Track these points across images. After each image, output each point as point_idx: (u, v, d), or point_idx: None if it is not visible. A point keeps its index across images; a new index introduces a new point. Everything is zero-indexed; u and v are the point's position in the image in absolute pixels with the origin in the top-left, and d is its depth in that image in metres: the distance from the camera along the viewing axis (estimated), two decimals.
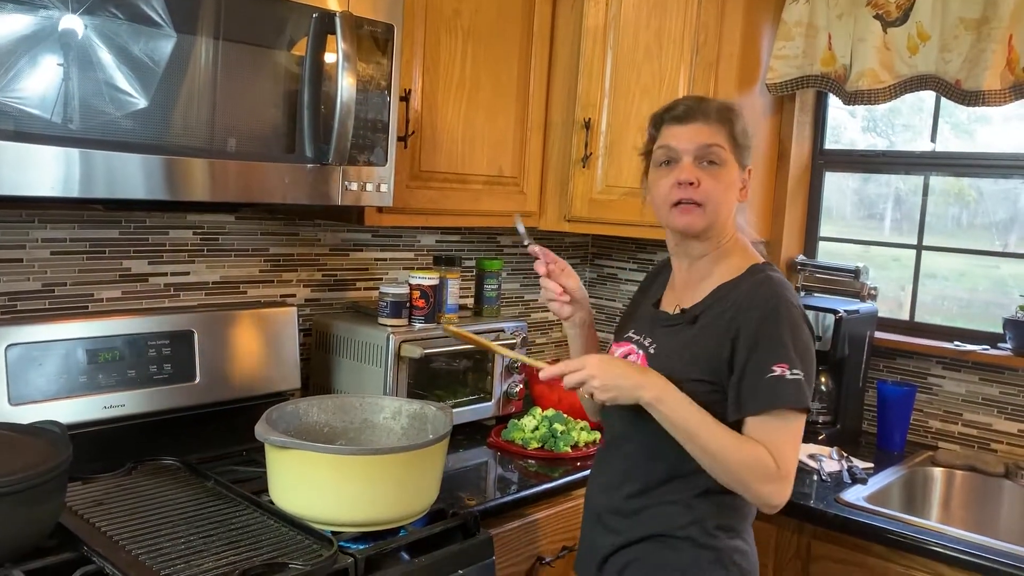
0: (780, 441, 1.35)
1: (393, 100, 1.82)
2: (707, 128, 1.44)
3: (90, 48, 1.35)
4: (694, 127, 1.44)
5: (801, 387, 1.35)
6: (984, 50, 2.15)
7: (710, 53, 2.28)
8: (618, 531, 1.49)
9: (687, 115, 1.45)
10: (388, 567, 1.48)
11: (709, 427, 1.35)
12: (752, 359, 1.37)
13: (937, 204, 2.56)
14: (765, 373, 1.35)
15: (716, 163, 1.44)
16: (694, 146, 1.44)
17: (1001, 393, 2.36)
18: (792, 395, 1.35)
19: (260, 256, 2.16)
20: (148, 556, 1.35)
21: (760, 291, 1.41)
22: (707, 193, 1.43)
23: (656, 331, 1.52)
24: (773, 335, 1.37)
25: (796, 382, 1.35)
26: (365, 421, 1.76)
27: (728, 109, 1.48)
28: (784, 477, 1.35)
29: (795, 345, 1.37)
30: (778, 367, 1.35)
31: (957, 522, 2.17)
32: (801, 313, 1.41)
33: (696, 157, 1.44)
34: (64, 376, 1.70)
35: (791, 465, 1.36)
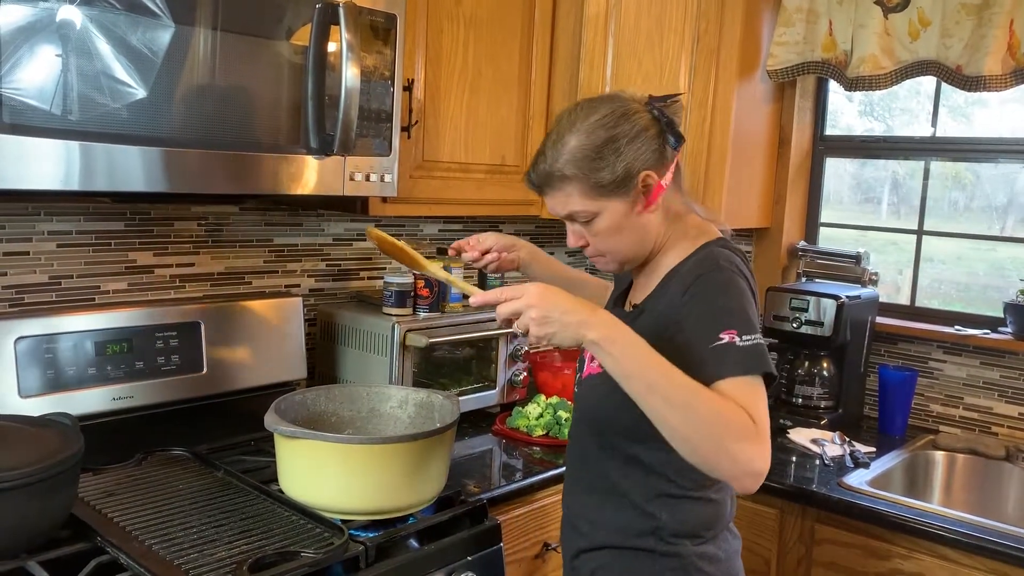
0: (751, 401, 1.17)
1: (396, 90, 1.82)
2: (558, 196, 1.32)
3: (88, 39, 1.35)
4: (550, 197, 1.34)
5: (757, 352, 1.21)
6: (985, 35, 2.15)
7: (711, 40, 2.29)
8: (583, 533, 1.44)
9: (540, 189, 1.35)
10: (398, 554, 1.49)
11: (672, 375, 1.15)
12: (697, 329, 1.23)
13: (935, 188, 2.57)
14: (711, 341, 1.20)
15: (587, 221, 1.32)
16: (560, 215, 1.35)
17: (1002, 377, 2.37)
18: (754, 362, 1.20)
19: (264, 247, 2.17)
20: (161, 546, 1.36)
21: (703, 263, 1.30)
22: (598, 248, 1.36)
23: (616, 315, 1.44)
24: (714, 303, 1.25)
25: (747, 348, 1.20)
26: (372, 410, 1.78)
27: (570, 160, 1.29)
28: (763, 437, 1.16)
29: (736, 309, 1.24)
30: (725, 334, 1.20)
31: (959, 505, 2.20)
32: (737, 276, 1.28)
33: (570, 220, 1.35)
34: (73, 368, 1.70)
35: (767, 424, 1.17)
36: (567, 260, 3.05)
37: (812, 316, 2.38)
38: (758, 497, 2.05)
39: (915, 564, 1.83)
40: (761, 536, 2.05)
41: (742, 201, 2.53)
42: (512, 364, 2.35)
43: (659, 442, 1.21)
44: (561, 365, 2.54)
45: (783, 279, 2.72)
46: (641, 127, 1.30)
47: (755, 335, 1.23)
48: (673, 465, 1.31)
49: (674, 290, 1.31)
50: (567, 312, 1.18)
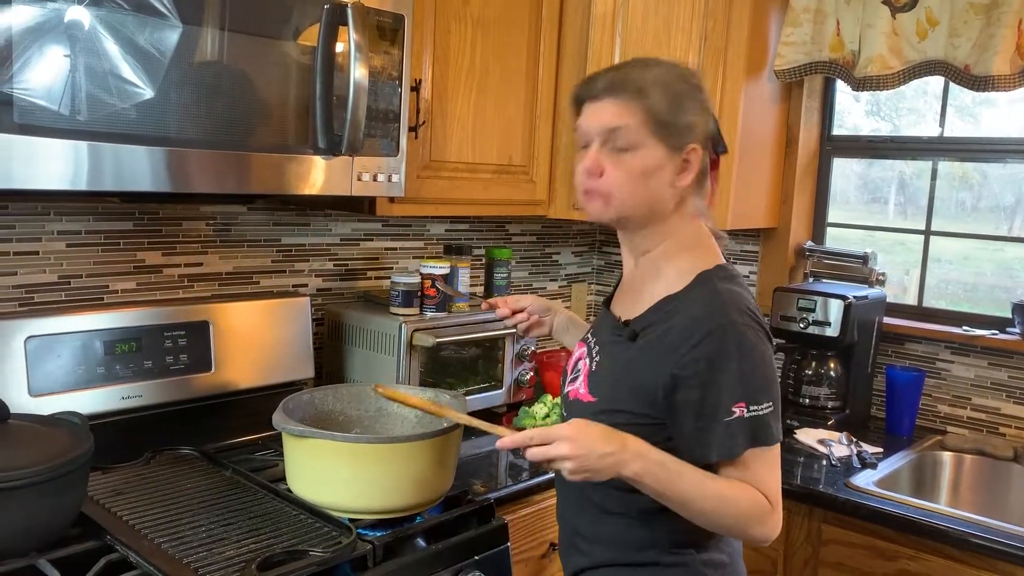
0: (764, 476, 1.23)
1: (404, 90, 1.83)
2: (616, 107, 1.24)
3: (96, 39, 1.35)
4: (603, 105, 1.26)
5: (764, 423, 1.22)
6: (993, 35, 2.15)
7: (718, 40, 2.29)
8: (582, 552, 1.40)
9: (596, 91, 1.27)
10: (406, 553, 1.50)
11: (701, 486, 1.21)
12: (706, 401, 1.21)
13: (942, 188, 2.56)
14: (723, 416, 1.20)
15: (625, 148, 1.25)
16: (599, 127, 1.26)
17: (1010, 377, 2.37)
18: (756, 435, 1.21)
19: (272, 246, 2.17)
20: (170, 544, 1.37)
21: (706, 316, 1.23)
22: (610, 184, 1.26)
23: (604, 339, 1.39)
24: (725, 370, 1.20)
25: (757, 419, 1.21)
26: (380, 409, 1.78)
27: (654, 79, 1.25)
28: (775, 509, 1.24)
29: (751, 375, 1.21)
30: (737, 407, 1.20)
31: (966, 506, 2.19)
32: (752, 331, 1.23)
33: (603, 142, 1.26)
34: (82, 367, 1.71)
35: (778, 495, 1.25)
36: (573, 259, 3.05)
37: (819, 316, 2.38)
38: None
39: (922, 565, 1.83)
40: None
41: (749, 201, 2.53)
42: (519, 364, 2.35)
43: None
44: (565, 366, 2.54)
45: (790, 279, 2.72)
46: (708, 108, 1.31)
47: (764, 403, 1.22)
48: None
49: (671, 334, 1.25)
50: (602, 456, 1.18)
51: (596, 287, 3.16)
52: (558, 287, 3.01)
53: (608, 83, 1.27)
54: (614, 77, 1.27)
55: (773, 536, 1.25)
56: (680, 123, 1.26)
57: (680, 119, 1.25)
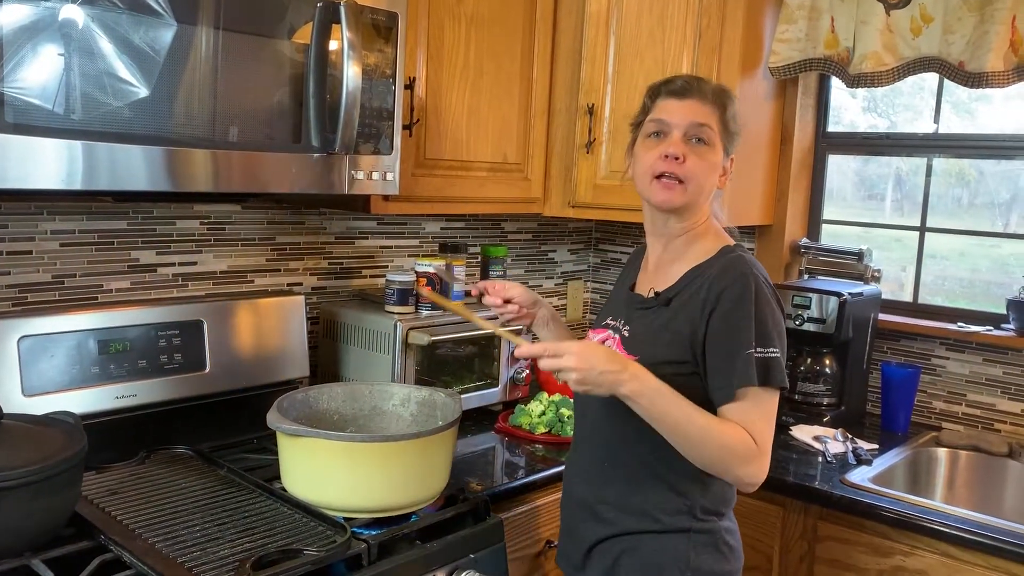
0: (756, 418, 1.35)
1: (398, 88, 1.82)
2: (702, 107, 1.45)
3: (91, 38, 1.35)
4: (690, 103, 1.45)
5: (775, 365, 1.37)
6: (987, 32, 2.15)
7: (713, 37, 2.28)
8: (606, 521, 1.48)
9: (685, 91, 1.46)
10: (400, 552, 1.50)
11: (689, 416, 1.33)
12: (725, 339, 1.37)
13: (938, 184, 2.56)
14: (739, 352, 1.35)
15: (705, 142, 1.44)
16: (686, 122, 1.44)
17: (1005, 373, 2.37)
18: (766, 374, 1.35)
19: (267, 245, 2.17)
20: (164, 544, 1.37)
21: (731, 270, 1.41)
22: (691, 170, 1.43)
23: (632, 314, 1.52)
24: (745, 314, 1.37)
25: (769, 360, 1.36)
26: (375, 408, 1.78)
27: (724, 92, 1.49)
28: (763, 453, 1.35)
29: (767, 322, 1.38)
30: (744, 345, 1.36)
31: (961, 502, 2.19)
32: (772, 291, 1.42)
33: (686, 134, 1.44)
34: (76, 367, 1.71)
35: (768, 441, 1.37)
36: (569, 257, 3.05)
37: (815, 313, 2.38)
38: (761, 494, 2.04)
39: (918, 561, 1.83)
40: (764, 533, 2.05)
41: (744, 198, 2.53)
42: (514, 362, 2.35)
43: None
44: None
45: (786, 276, 2.72)
46: None
47: (771, 348, 1.37)
48: None
49: (701, 291, 1.41)
50: (603, 372, 1.31)
51: (592, 284, 3.16)
52: (554, 285, 3.01)
53: (693, 85, 1.47)
54: (697, 83, 1.48)
55: (758, 480, 1.36)
56: (736, 134, 1.49)
57: (737, 131, 1.49)
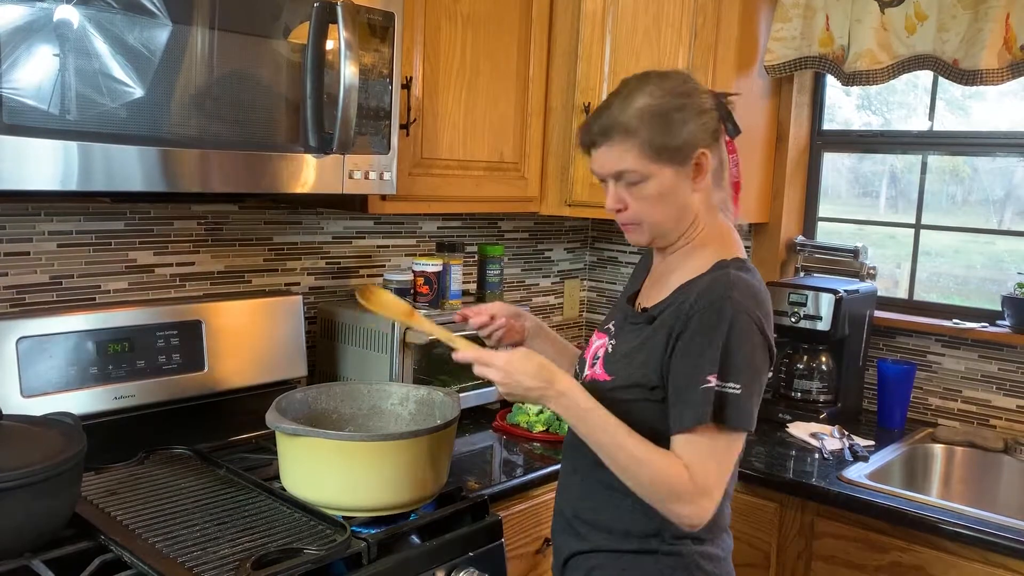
0: (704, 457, 1.24)
1: (395, 88, 1.83)
2: (613, 151, 1.32)
3: (86, 38, 1.35)
4: (601, 153, 1.34)
5: (734, 403, 1.23)
6: (981, 29, 2.16)
7: (708, 36, 2.29)
8: (580, 535, 1.43)
9: (590, 144, 1.36)
10: (400, 550, 1.50)
11: (619, 442, 1.26)
12: (685, 365, 1.26)
13: (932, 181, 2.57)
14: (696, 383, 1.24)
15: (636, 182, 1.33)
16: (607, 172, 1.35)
17: (1000, 370, 2.38)
18: (721, 411, 1.23)
19: (264, 245, 2.17)
20: (164, 544, 1.37)
21: (709, 291, 1.29)
22: (636, 213, 1.35)
23: (623, 327, 1.44)
24: (709, 341, 1.25)
25: (728, 396, 1.23)
26: (373, 407, 1.78)
27: (628, 121, 1.31)
28: (701, 493, 1.23)
29: (737, 354, 1.24)
30: (712, 377, 1.23)
31: (957, 497, 2.21)
32: (757, 318, 1.27)
33: (616, 180, 1.35)
34: (74, 368, 1.71)
35: (713, 483, 1.24)
36: (565, 255, 3.06)
37: (810, 311, 2.39)
38: (758, 491, 2.06)
39: (914, 556, 1.84)
40: (761, 530, 2.06)
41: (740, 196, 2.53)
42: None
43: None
44: None
45: (781, 274, 2.73)
46: (705, 107, 1.34)
47: (733, 383, 1.24)
48: None
49: (683, 306, 1.31)
50: (528, 388, 1.31)
51: (589, 283, 3.17)
52: (551, 283, 3.02)
53: (600, 129, 1.34)
54: (603, 122, 1.33)
55: (694, 521, 1.25)
56: (678, 141, 1.31)
57: (677, 137, 1.31)
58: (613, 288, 3.06)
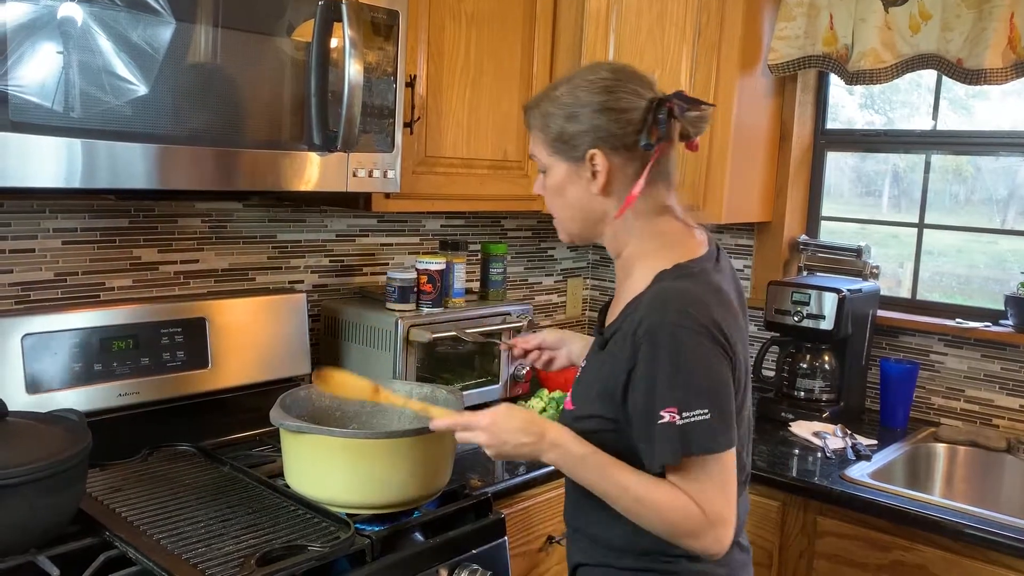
0: (704, 487, 1.19)
1: (399, 86, 1.83)
2: (532, 134, 1.35)
3: (90, 36, 1.35)
4: (530, 135, 1.37)
5: (701, 430, 1.17)
6: (985, 28, 2.16)
7: (712, 35, 2.29)
8: (582, 549, 1.40)
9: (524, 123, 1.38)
10: (403, 548, 1.51)
11: (622, 486, 1.21)
12: (643, 403, 1.20)
13: (935, 181, 2.57)
14: (655, 421, 1.18)
15: (544, 171, 1.35)
16: (530, 153, 1.38)
17: (1003, 369, 2.38)
18: (690, 443, 1.17)
19: (268, 243, 2.17)
20: (169, 540, 1.37)
21: (646, 316, 1.21)
22: (547, 204, 1.38)
23: (591, 352, 1.40)
24: (656, 374, 1.18)
25: (691, 426, 1.16)
26: (377, 405, 1.78)
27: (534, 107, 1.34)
28: (715, 523, 1.18)
29: (693, 376, 1.18)
30: (666, 412, 1.17)
31: (960, 497, 2.21)
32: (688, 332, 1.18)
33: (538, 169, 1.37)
34: (79, 365, 1.71)
35: (723, 508, 1.20)
36: (568, 254, 3.06)
37: (813, 310, 2.39)
38: (760, 490, 2.06)
39: (917, 556, 1.84)
40: (763, 529, 2.06)
41: (743, 195, 2.54)
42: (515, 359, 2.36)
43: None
44: None
45: (784, 273, 2.73)
46: (621, 107, 1.26)
47: (698, 410, 1.17)
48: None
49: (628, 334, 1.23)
50: (517, 444, 1.27)
51: (592, 282, 3.17)
52: (553, 282, 3.02)
53: (525, 114, 1.37)
54: (527, 107, 1.37)
55: (715, 551, 1.20)
56: (565, 135, 1.29)
57: (564, 132, 1.29)
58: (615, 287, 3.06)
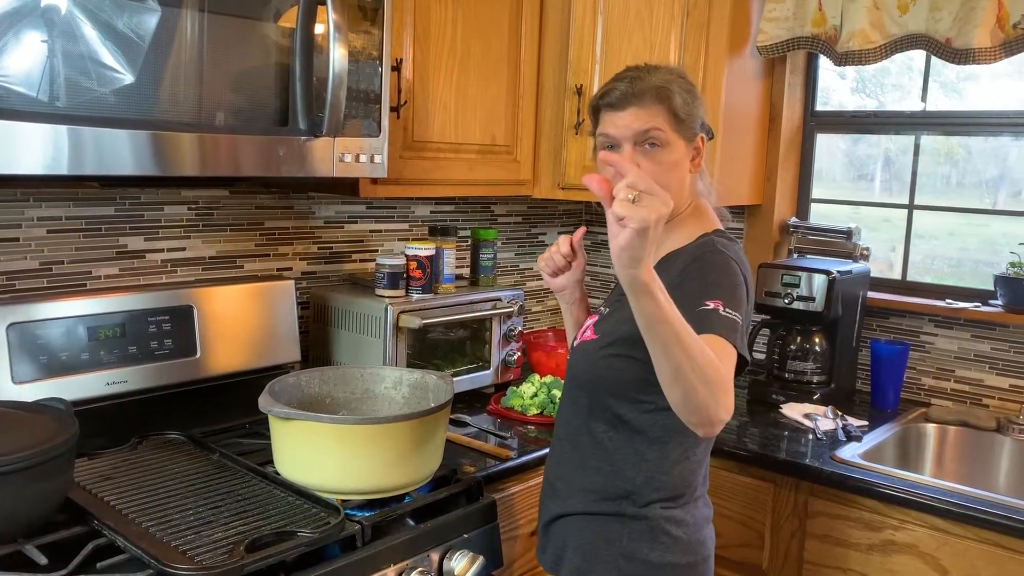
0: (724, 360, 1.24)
1: (385, 70, 1.81)
2: (643, 112, 1.40)
3: (74, 23, 1.34)
4: (630, 113, 1.41)
5: (736, 326, 1.29)
6: (974, 8, 2.15)
7: (700, 16, 2.28)
8: (559, 495, 1.51)
9: (621, 101, 1.42)
10: (394, 532, 1.51)
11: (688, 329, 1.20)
12: (686, 295, 1.30)
13: (927, 163, 2.57)
14: (697, 306, 1.29)
15: (658, 144, 1.41)
16: (632, 132, 1.41)
17: (992, 349, 2.39)
18: (727, 328, 1.28)
19: (255, 230, 2.16)
20: (158, 528, 1.37)
21: (698, 249, 1.42)
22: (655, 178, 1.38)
23: (613, 301, 1.53)
24: (707, 278, 1.35)
25: (730, 320, 1.29)
26: (367, 391, 1.78)
27: (665, 86, 1.42)
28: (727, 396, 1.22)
29: (730, 290, 1.33)
30: (711, 302, 1.30)
31: (950, 476, 2.22)
32: (739, 268, 1.38)
33: (636, 143, 1.41)
34: (66, 354, 1.70)
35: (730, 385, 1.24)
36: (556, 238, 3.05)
37: (804, 292, 2.39)
38: (752, 471, 2.06)
39: (907, 535, 1.85)
40: (755, 509, 2.07)
41: (733, 178, 2.53)
42: (506, 344, 2.35)
43: (646, 403, 1.39)
44: (555, 345, 2.55)
45: (775, 255, 2.73)
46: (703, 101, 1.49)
47: (738, 312, 1.31)
48: (659, 426, 1.42)
49: (673, 270, 1.39)
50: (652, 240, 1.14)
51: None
52: None
53: (629, 92, 1.41)
54: (631, 86, 1.42)
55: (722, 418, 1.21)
56: (693, 117, 1.44)
57: (693, 114, 1.44)
58: (607, 272, 3.06)
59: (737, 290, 1.34)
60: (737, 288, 1.35)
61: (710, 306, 1.30)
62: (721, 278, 1.35)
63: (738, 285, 1.35)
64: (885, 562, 1.88)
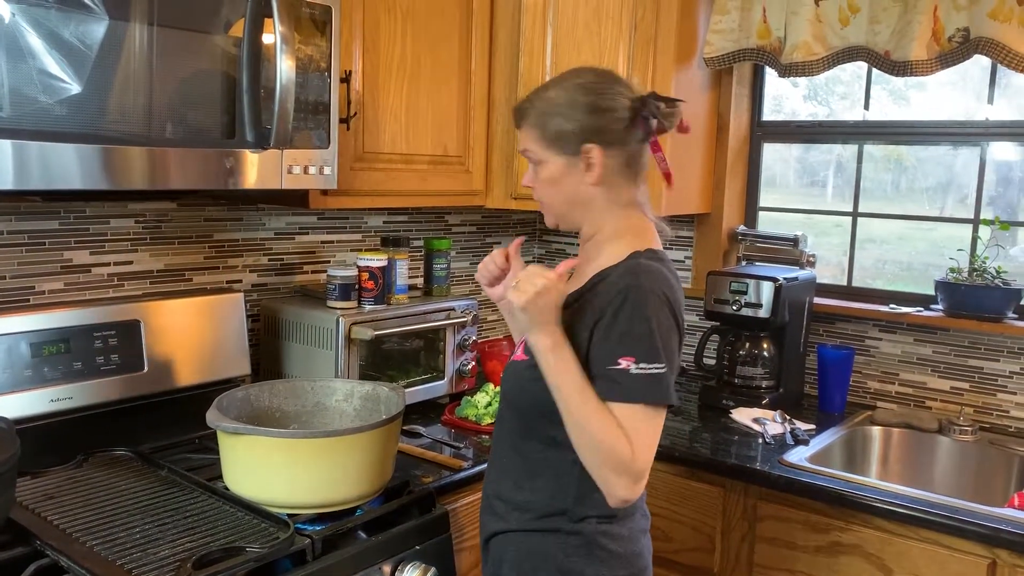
0: (640, 435, 1.30)
1: (333, 82, 1.81)
2: (522, 133, 1.47)
3: (18, 33, 1.32)
4: (520, 132, 1.48)
5: (651, 381, 1.30)
6: (911, 21, 2.21)
7: (648, 29, 2.31)
8: (497, 514, 1.49)
9: (516, 123, 1.49)
10: (345, 546, 1.50)
11: (585, 397, 1.30)
12: (603, 350, 1.33)
13: (877, 170, 2.64)
14: (608, 364, 1.31)
15: (536, 162, 1.46)
16: (521, 151, 1.49)
17: (934, 352, 2.45)
18: (640, 390, 1.30)
19: (204, 243, 2.14)
20: (103, 547, 1.35)
21: (621, 279, 1.36)
22: (537, 194, 1.49)
23: None
24: (621, 326, 1.32)
25: (643, 377, 1.30)
26: (318, 404, 1.78)
27: (528, 105, 1.45)
28: (638, 472, 1.30)
29: (646, 339, 1.31)
30: (623, 360, 1.30)
31: (895, 477, 2.27)
32: (662, 299, 1.34)
33: (529, 161, 1.48)
34: (8, 371, 1.67)
35: (646, 462, 1.31)
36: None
37: (751, 298, 2.43)
38: (702, 476, 2.09)
39: (853, 536, 1.89)
40: (705, 514, 2.10)
41: (682, 187, 2.57)
42: (460, 354, 2.36)
43: None
44: (508, 354, 2.56)
45: (724, 263, 2.77)
46: (610, 106, 1.40)
47: (655, 364, 1.31)
48: None
49: (600, 297, 1.37)
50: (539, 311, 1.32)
51: None
52: None
53: (517, 115, 1.48)
54: (522, 105, 1.47)
55: (630, 495, 1.31)
56: (563, 132, 1.41)
57: (562, 129, 1.41)
58: None
59: (653, 336, 1.31)
60: (654, 333, 1.31)
61: (621, 365, 1.30)
62: (636, 325, 1.31)
63: (654, 330, 1.32)
64: (832, 563, 1.92)
